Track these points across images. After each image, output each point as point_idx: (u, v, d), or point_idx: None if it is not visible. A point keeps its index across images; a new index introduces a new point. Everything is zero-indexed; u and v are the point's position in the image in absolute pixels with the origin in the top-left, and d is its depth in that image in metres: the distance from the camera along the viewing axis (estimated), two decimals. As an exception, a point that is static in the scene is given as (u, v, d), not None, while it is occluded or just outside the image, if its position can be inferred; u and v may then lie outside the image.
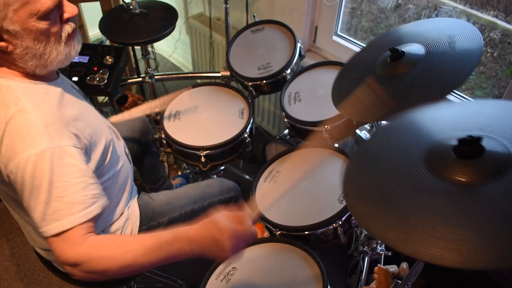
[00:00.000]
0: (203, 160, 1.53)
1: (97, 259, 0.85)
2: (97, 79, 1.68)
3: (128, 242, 0.88)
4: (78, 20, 2.29)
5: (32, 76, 0.93)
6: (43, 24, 0.85)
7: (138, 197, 1.29)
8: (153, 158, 1.77)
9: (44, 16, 0.84)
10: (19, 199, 0.89)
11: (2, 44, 0.85)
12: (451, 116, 0.78)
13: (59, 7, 0.88)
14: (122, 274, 0.87)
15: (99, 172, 1.01)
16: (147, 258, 0.86)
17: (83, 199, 0.87)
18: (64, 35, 0.91)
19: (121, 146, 1.16)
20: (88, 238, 0.87)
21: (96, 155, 0.99)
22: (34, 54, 0.88)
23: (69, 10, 0.90)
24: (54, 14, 0.87)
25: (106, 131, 1.07)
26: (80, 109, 1.00)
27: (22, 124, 0.84)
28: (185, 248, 0.87)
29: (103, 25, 1.77)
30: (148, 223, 1.27)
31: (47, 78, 0.96)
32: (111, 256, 0.86)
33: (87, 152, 0.95)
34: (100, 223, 1.14)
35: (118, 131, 1.26)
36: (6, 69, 0.90)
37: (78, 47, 0.97)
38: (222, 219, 0.88)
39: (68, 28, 0.92)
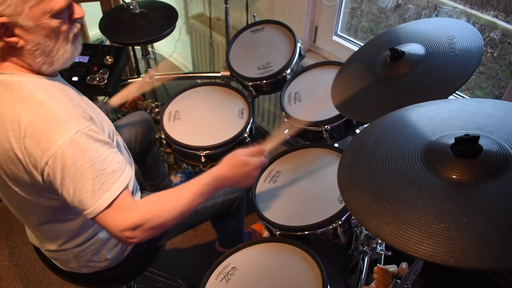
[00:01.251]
0: (203, 160, 1.53)
1: (157, 214, 0.95)
2: (97, 79, 1.68)
3: (177, 193, 1.01)
4: (78, 20, 2.31)
5: (37, 73, 0.95)
6: (55, 22, 0.89)
7: (140, 195, 1.30)
8: (154, 156, 1.78)
9: (57, 14, 0.88)
10: (57, 189, 0.90)
11: (13, 39, 0.87)
12: (449, 114, 0.78)
13: (69, 7, 0.92)
14: (178, 221, 0.99)
15: None
16: (196, 201, 1.02)
17: (118, 166, 0.94)
18: (71, 35, 0.96)
19: (121, 142, 1.18)
20: (138, 201, 0.96)
21: None
22: (44, 51, 0.91)
23: (78, 11, 0.95)
24: (65, 14, 0.92)
25: (109, 122, 1.11)
26: (86, 102, 1.03)
27: (46, 115, 0.87)
28: (221, 185, 1.07)
29: (103, 25, 1.77)
30: None
31: (50, 75, 0.99)
32: (169, 208, 0.97)
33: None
34: None
35: (121, 131, 1.27)
36: (12, 65, 0.92)
37: (80, 48, 1.01)
38: (245, 155, 1.11)
39: (74, 28, 0.97)
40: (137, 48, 2.45)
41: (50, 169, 0.87)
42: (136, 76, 2.08)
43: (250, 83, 1.68)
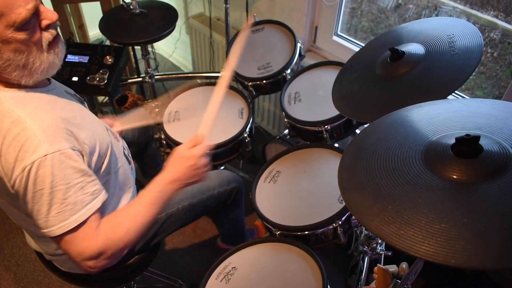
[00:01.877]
0: (203, 160, 1.53)
1: (117, 239, 0.94)
2: (97, 79, 1.68)
3: (130, 211, 1.00)
4: (78, 20, 2.32)
5: (18, 86, 0.91)
6: (21, 35, 0.83)
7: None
8: (152, 153, 1.77)
9: (22, 26, 0.82)
10: (22, 206, 0.90)
11: None
12: (450, 114, 0.78)
13: (37, 15, 0.85)
14: (140, 237, 0.99)
15: (96, 173, 1.01)
16: (151, 213, 1.01)
17: (83, 198, 0.91)
18: (45, 43, 0.89)
19: (119, 148, 1.16)
20: (100, 226, 0.94)
21: (93, 158, 0.99)
22: (17, 65, 0.86)
23: (48, 16, 0.87)
24: (33, 23, 0.85)
25: (103, 134, 1.06)
26: (74, 113, 0.99)
27: (20, 134, 0.84)
28: (174, 189, 1.05)
29: (103, 25, 1.77)
30: None
31: (36, 86, 0.95)
32: (126, 230, 0.96)
33: (85, 153, 0.95)
34: None
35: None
36: None
37: (61, 54, 0.94)
38: (185, 150, 1.08)
39: (48, 35, 0.89)
40: (137, 48, 2.45)
41: (17, 183, 0.86)
42: (136, 76, 2.08)
43: (250, 83, 1.68)
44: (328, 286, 1.08)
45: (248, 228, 1.79)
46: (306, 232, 1.21)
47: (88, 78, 1.69)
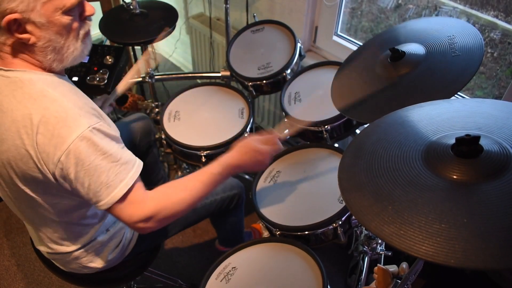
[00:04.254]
0: (203, 160, 1.53)
1: (168, 206, 0.99)
2: (97, 79, 1.68)
3: (188, 184, 1.04)
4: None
5: (47, 70, 0.96)
6: (66, 19, 0.90)
7: None
8: (153, 158, 1.77)
9: (68, 11, 0.89)
10: (71, 183, 0.91)
11: (25, 36, 0.88)
12: (450, 114, 0.78)
13: (80, 4, 0.93)
14: (189, 211, 1.03)
15: None
16: (207, 191, 1.05)
17: (130, 157, 0.97)
18: (82, 32, 0.96)
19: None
20: (149, 193, 0.99)
21: None
22: (55, 48, 0.92)
23: (89, 9, 0.95)
24: (76, 11, 0.92)
25: (113, 124, 1.09)
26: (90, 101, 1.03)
27: (59, 111, 0.87)
28: (232, 173, 1.10)
29: (103, 25, 1.77)
30: None
31: (59, 73, 1.00)
32: (180, 199, 1.01)
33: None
34: (104, 222, 1.15)
35: (119, 131, 1.26)
36: (23, 62, 0.92)
37: (90, 46, 1.01)
38: (259, 144, 1.13)
39: (86, 26, 0.97)
40: (137, 48, 2.45)
41: (63, 165, 0.88)
42: (135, 76, 2.07)
43: (250, 83, 1.68)
44: (328, 286, 1.08)
45: (246, 231, 1.79)
46: (306, 232, 1.21)
47: (88, 78, 1.68)
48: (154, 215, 0.96)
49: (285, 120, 1.57)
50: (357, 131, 1.55)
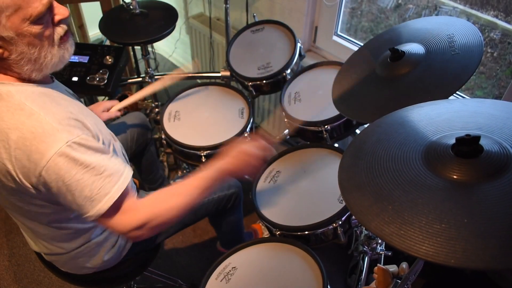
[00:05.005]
0: (203, 160, 1.53)
1: (160, 213, 0.97)
2: (97, 79, 1.68)
3: (181, 190, 1.02)
4: (78, 20, 2.31)
5: (28, 80, 0.93)
6: (36, 28, 0.85)
7: (137, 195, 1.29)
8: (151, 157, 1.77)
9: (37, 20, 0.85)
10: (55, 197, 0.90)
11: None
12: (450, 114, 0.77)
13: (50, 10, 0.88)
14: (183, 216, 1.00)
15: None
16: (200, 196, 1.03)
17: (116, 168, 0.93)
18: (56, 37, 0.92)
19: (118, 147, 1.17)
20: (141, 201, 0.97)
21: None
22: (29, 59, 0.88)
23: (60, 12, 0.91)
24: (46, 18, 0.88)
25: (105, 132, 1.08)
26: (79, 109, 1.00)
27: (35, 126, 0.85)
28: (225, 178, 1.08)
29: (103, 25, 1.77)
30: None
31: (42, 82, 0.97)
32: (173, 206, 0.98)
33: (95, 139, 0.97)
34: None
35: (115, 130, 1.26)
36: (2, 75, 0.90)
37: (71, 49, 0.97)
38: (251, 148, 1.12)
39: (60, 30, 0.92)
40: (137, 48, 2.45)
41: (44, 179, 0.86)
42: (136, 76, 2.07)
43: (250, 83, 1.68)
44: (328, 286, 1.08)
45: (246, 232, 1.79)
46: (306, 232, 1.21)
47: (88, 78, 1.69)
48: (147, 222, 0.94)
49: (285, 120, 1.57)
50: (357, 131, 1.55)
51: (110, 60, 1.72)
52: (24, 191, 0.91)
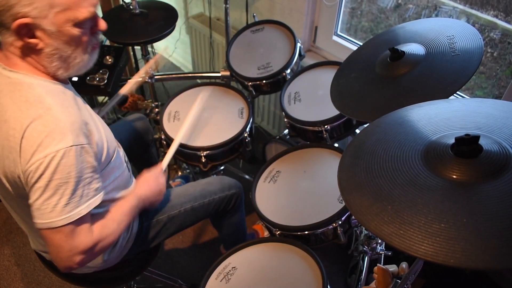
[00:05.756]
0: (203, 160, 1.53)
1: (106, 237, 1.01)
2: (97, 79, 1.68)
3: (116, 216, 1.07)
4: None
5: (52, 76, 0.96)
6: (76, 31, 0.91)
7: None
8: (152, 159, 1.77)
9: (79, 24, 0.90)
10: (26, 192, 0.90)
11: (34, 41, 0.88)
12: (449, 114, 0.77)
13: (93, 19, 0.94)
14: (114, 242, 1.08)
15: (102, 175, 1.03)
16: (127, 222, 1.10)
17: (87, 192, 0.94)
18: (90, 46, 0.97)
19: (121, 154, 1.18)
20: (94, 224, 1.00)
21: (102, 159, 1.01)
22: (61, 56, 0.93)
23: (101, 24, 0.97)
24: (88, 25, 0.93)
25: (111, 138, 1.10)
26: (90, 114, 1.03)
27: (50, 121, 0.87)
28: (142, 207, 1.17)
29: (103, 25, 1.77)
30: (147, 220, 1.27)
31: (63, 82, 1.00)
32: (113, 232, 1.04)
33: (95, 153, 0.97)
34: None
35: (116, 130, 1.26)
36: (28, 66, 0.93)
37: (95, 58, 1.02)
38: (159, 175, 1.25)
39: (94, 40, 0.98)
40: (137, 48, 2.45)
41: (33, 168, 0.87)
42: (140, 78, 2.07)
43: (250, 83, 1.68)
44: (328, 286, 1.08)
45: (248, 233, 1.79)
46: (306, 232, 1.21)
47: (88, 78, 1.68)
48: (94, 245, 0.97)
49: (285, 120, 1.57)
50: (357, 131, 1.55)
51: (110, 60, 1.72)
52: (20, 180, 0.91)
